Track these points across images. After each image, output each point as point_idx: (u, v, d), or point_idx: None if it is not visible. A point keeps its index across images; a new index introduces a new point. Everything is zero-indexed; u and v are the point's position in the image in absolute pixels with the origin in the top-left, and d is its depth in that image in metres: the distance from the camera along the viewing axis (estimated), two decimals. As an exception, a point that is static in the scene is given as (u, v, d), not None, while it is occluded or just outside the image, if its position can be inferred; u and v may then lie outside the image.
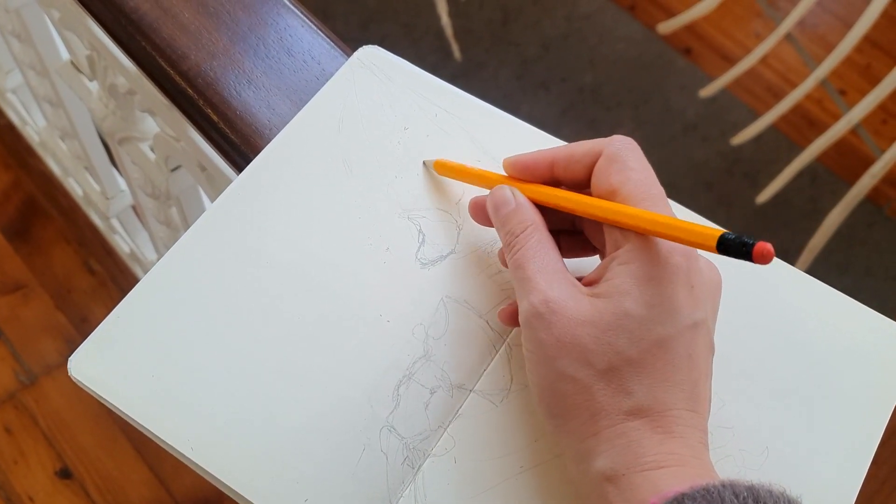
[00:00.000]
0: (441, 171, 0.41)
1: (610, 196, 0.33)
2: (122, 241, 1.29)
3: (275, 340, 0.37)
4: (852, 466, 0.36)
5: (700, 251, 0.31)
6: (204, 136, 0.47)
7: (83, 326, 1.36)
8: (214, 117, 0.45)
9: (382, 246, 0.39)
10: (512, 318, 0.37)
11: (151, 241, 1.05)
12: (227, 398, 0.36)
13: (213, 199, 0.71)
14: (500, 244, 0.40)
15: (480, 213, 0.38)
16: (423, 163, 0.42)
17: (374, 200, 0.40)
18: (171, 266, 0.38)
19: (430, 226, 0.40)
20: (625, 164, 0.33)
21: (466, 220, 0.40)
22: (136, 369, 0.36)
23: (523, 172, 0.37)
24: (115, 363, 0.36)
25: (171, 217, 0.87)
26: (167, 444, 0.35)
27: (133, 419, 0.36)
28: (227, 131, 0.45)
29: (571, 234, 0.38)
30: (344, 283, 0.38)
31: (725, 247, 0.27)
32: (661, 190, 0.33)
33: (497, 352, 0.38)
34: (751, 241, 0.26)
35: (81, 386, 0.37)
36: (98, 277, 1.39)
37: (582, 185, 0.35)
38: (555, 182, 0.36)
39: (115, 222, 1.23)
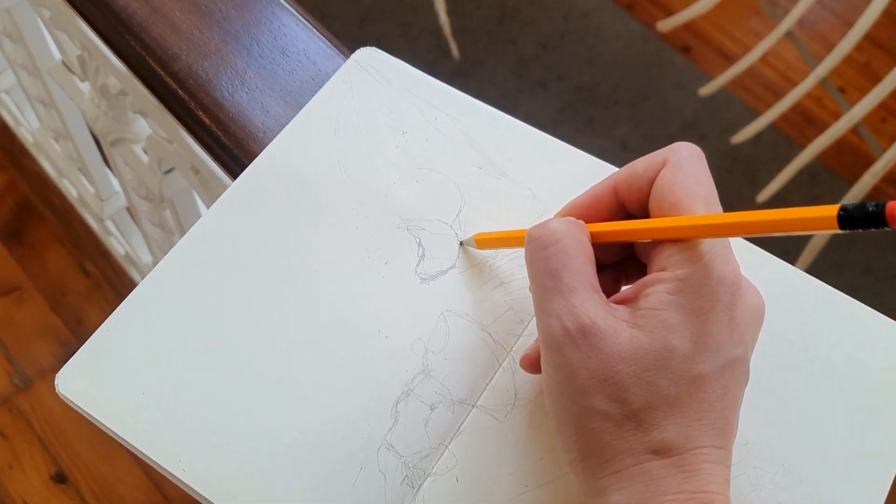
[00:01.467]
0: (484, 245, 0.38)
1: (672, 211, 0.29)
2: (118, 243, 1.27)
3: (270, 356, 0.35)
4: (874, 481, 0.35)
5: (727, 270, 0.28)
6: (196, 140, 0.46)
7: (78, 329, 1.34)
8: (206, 120, 0.44)
9: (381, 259, 0.38)
10: (537, 364, 0.33)
11: (146, 243, 1.04)
12: (220, 417, 0.34)
13: (207, 203, 0.69)
14: (501, 256, 0.39)
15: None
16: (461, 243, 0.39)
17: (373, 208, 0.39)
18: (163, 277, 0.37)
19: (430, 239, 0.39)
20: (690, 175, 0.29)
21: (467, 234, 0.39)
22: (126, 386, 0.35)
23: (584, 216, 0.32)
24: (105, 379, 0.35)
25: (166, 220, 0.85)
26: (159, 465, 0.34)
27: (123, 439, 0.34)
28: (220, 134, 0.44)
29: (624, 261, 0.34)
30: (341, 296, 0.37)
31: (849, 220, 0.23)
32: (721, 210, 0.30)
33: (500, 365, 0.37)
34: (875, 205, 0.22)
35: (70, 404, 0.35)
36: (93, 279, 1.38)
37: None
38: (623, 212, 0.33)
39: (109, 224, 1.22)
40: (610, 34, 1.64)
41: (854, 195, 1.35)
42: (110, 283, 1.38)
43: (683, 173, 0.30)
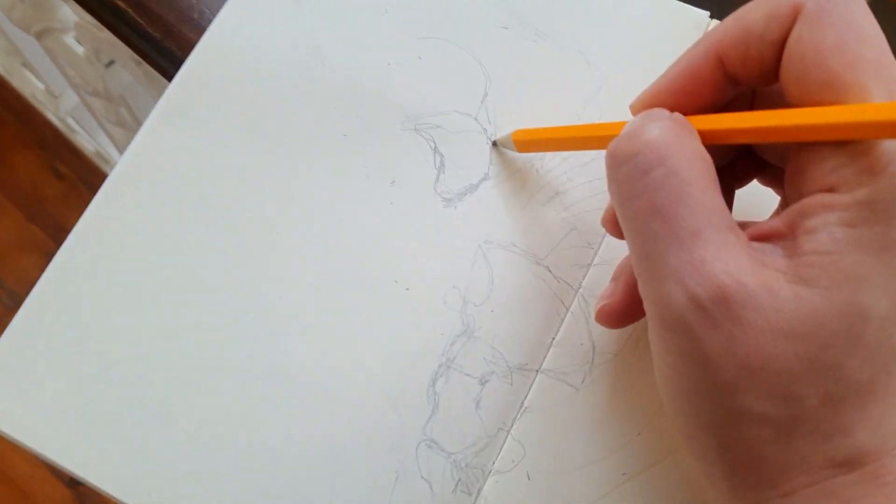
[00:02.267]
0: (528, 147, 0.26)
1: (825, 92, 0.18)
2: (86, 141, 1.15)
3: (249, 335, 0.25)
4: None
5: None
6: (113, 33, 0.34)
7: (61, 236, 1.24)
8: (119, 3, 0.32)
9: (385, 177, 0.27)
10: (623, 315, 0.23)
11: (112, 143, 0.92)
12: (196, 428, 0.25)
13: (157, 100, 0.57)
14: (551, 154, 0.28)
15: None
16: (494, 144, 0.27)
17: (364, 105, 0.28)
18: (86, 241, 0.26)
19: (449, 140, 0.27)
20: (845, 30, 0.18)
21: (499, 128, 0.28)
22: (60, 400, 0.25)
23: (679, 104, 0.21)
24: (32, 392, 0.25)
25: (123, 117, 0.73)
26: (120, 501, 0.25)
27: (70, 470, 0.25)
28: (141, 21, 0.32)
29: (734, 159, 0.24)
30: (336, 237, 0.26)
31: None
32: None
33: (567, 310, 0.26)
34: None
35: None
36: (68, 181, 1.27)
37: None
38: (733, 89, 0.21)
39: (70, 121, 1.09)
40: None
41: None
42: (87, 182, 1.27)
43: (833, 29, 0.18)
